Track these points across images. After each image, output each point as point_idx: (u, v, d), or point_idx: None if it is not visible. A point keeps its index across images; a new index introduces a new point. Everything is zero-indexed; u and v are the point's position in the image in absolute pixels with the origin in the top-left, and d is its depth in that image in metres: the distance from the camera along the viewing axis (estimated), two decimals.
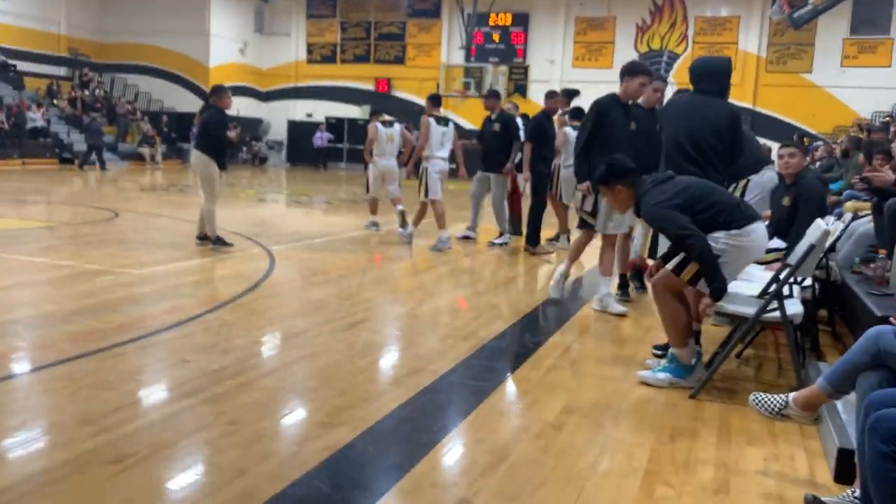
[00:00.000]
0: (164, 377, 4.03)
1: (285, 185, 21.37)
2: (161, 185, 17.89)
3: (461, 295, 6.63)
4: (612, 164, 4.26)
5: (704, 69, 4.87)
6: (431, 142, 9.13)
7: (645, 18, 27.06)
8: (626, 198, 4.22)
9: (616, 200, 4.30)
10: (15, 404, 3.54)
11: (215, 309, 5.51)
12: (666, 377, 4.15)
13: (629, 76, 5.91)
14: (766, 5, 24.78)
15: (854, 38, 24.69)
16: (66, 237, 8.86)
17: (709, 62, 5.08)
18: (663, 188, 4.05)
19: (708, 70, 4.85)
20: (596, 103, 5.99)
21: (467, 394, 3.98)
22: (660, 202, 3.98)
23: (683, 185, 4.07)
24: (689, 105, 4.82)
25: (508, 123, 9.41)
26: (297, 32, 31.13)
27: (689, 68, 4.94)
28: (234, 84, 29.69)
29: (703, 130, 4.62)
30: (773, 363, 4.87)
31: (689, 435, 3.50)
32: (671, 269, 4.05)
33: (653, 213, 4.04)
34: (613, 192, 4.25)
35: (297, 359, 4.44)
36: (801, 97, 25.11)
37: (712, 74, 4.82)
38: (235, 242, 8.41)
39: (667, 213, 3.96)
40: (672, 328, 4.14)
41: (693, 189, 4.05)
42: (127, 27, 29.25)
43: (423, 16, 29.53)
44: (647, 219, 4.20)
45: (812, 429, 3.56)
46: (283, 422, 3.53)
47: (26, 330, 4.74)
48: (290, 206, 14.83)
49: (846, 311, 5.42)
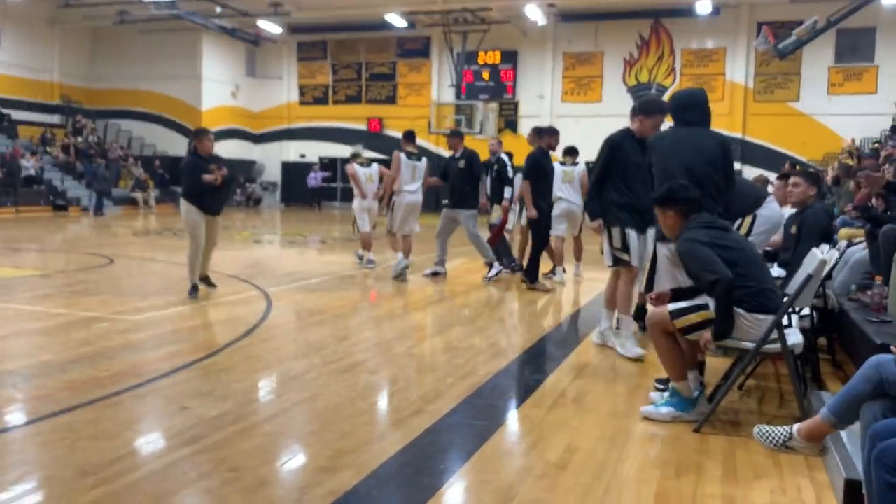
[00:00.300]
0: (163, 425, 3.99)
1: (280, 225, 21.40)
2: (155, 230, 17.89)
3: (459, 332, 6.61)
4: (674, 189, 4.20)
5: (689, 100, 4.88)
6: (402, 176, 9.42)
7: (632, 52, 27.42)
8: (674, 224, 4.18)
9: (664, 223, 4.28)
10: (13, 457, 3.50)
11: (213, 354, 5.48)
12: (669, 411, 4.13)
13: (645, 115, 5.62)
14: (751, 37, 25.15)
15: (839, 66, 25.05)
16: (61, 285, 8.84)
17: (691, 93, 5.08)
18: (711, 232, 4.00)
19: (693, 101, 4.87)
20: (609, 139, 5.79)
21: (469, 434, 3.95)
22: (697, 240, 3.94)
23: (734, 243, 4.01)
24: (680, 137, 4.77)
25: (472, 160, 9.64)
26: (288, 75, 31.45)
27: (673, 102, 4.95)
28: (226, 127, 29.97)
29: (699, 162, 4.57)
30: (774, 394, 4.85)
31: (694, 470, 3.47)
32: (669, 311, 4.04)
33: (686, 247, 3.99)
34: (665, 215, 4.23)
35: (296, 402, 4.41)
36: (789, 126, 25.38)
37: (697, 105, 4.83)
38: (231, 285, 8.39)
39: (700, 251, 3.90)
40: (668, 363, 4.13)
41: (741, 252, 3.98)
42: (119, 73, 29.53)
43: (413, 56, 29.89)
44: (679, 251, 4.12)
45: (817, 460, 3.53)
46: (285, 467, 3.49)
47: (23, 380, 4.70)
48: (286, 247, 14.84)
49: (845, 338, 5.42)
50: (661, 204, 4.24)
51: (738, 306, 3.88)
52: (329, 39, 30.59)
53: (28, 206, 22.16)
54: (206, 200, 7.77)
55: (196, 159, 7.81)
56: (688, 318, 3.98)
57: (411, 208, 9.62)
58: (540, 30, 27.51)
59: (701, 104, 4.84)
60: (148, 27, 28.00)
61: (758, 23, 25.05)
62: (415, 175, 9.56)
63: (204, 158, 7.79)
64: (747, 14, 25.76)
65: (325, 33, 30.20)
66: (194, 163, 7.77)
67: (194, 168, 7.72)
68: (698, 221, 4.10)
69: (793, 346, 3.97)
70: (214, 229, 7.99)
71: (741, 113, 26.28)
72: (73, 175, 25.11)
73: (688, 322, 3.97)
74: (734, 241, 4.06)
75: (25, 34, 27.38)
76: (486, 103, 28.41)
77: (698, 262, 3.93)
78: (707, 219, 4.14)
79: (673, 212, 4.17)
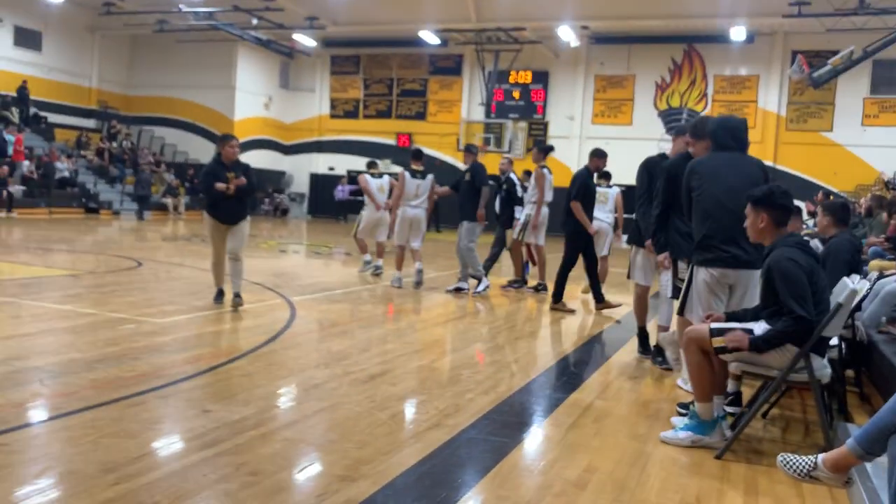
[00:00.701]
0: (184, 427, 4.02)
1: (306, 236, 21.55)
2: (183, 235, 18.09)
3: (481, 348, 6.60)
4: (774, 192, 4.02)
5: (728, 126, 4.85)
6: (406, 192, 10.00)
7: (664, 76, 27.36)
8: (764, 230, 4.01)
9: (753, 225, 4.07)
10: (38, 450, 3.54)
11: (236, 359, 5.52)
12: (687, 436, 4.09)
13: (696, 138, 5.22)
14: (786, 65, 25.00)
15: (874, 97, 24.78)
16: (90, 285, 8.96)
17: (730, 120, 5.02)
18: (808, 260, 3.87)
19: (732, 126, 4.84)
20: (667, 168, 5.54)
21: (488, 450, 3.93)
22: (798, 262, 3.82)
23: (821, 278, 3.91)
24: (722, 162, 4.68)
25: (475, 173, 10.01)
26: (320, 88, 31.76)
27: (713, 128, 4.88)
28: (257, 137, 30.32)
29: (742, 186, 4.42)
30: (799, 424, 4.78)
31: (715, 497, 3.43)
32: (710, 328, 4.00)
33: (785, 266, 3.82)
34: (757, 216, 4.04)
35: (316, 410, 4.42)
36: (821, 155, 25.13)
37: (737, 130, 4.80)
38: (256, 293, 8.44)
39: (799, 277, 3.79)
40: (696, 381, 4.10)
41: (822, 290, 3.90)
42: (155, 81, 30.04)
43: (445, 73, 30.06)
44: (770, 266, 3.89)
45: (842, 492, 3.47)
46: (303, 474, 3.50)
47: (50, 377, 4.77)
48: (311, 258, 14.92)
49: (874, 371, 5.34)
50: (756, 204, 4.03)
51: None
52: (362, 54, 30.88)
53: (61, 208, 22.52)
54: (220, 209, 7.56)
55: (215, 166, 7.58)
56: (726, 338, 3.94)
57: (410, 221, 10.12)
58: (572, 51, 27.57)
59: (741, 129, 4.80)
60: (185, 37, 28.46)
61: (792, 51, 24.91)
62: (418, 192, 10.10)
63: (225, 165, 7.53)
64: (782, 42, 25.61)
65: (358, 48, 30.51)
66: (210, 169, 7.57)
67: (208, 174, 7.51)
68: (794, 241, 3.94)
69: (820, 376, 3.91)
70: (234, 241, 7.60)
71: (773, 141, 26.07)
72: (105, 179, 25.49)
73: (726, 342, 3.93)
74: (821, 276, 3.95)
75: (66, 40, 27.96)
76: (516, 122, 28.49)
77: (793, 287, 3.79)
78: (801, 240, 4.00)
79: (767, 215, 4.00)
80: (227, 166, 7.50)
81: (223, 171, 7.46)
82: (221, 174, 7.43)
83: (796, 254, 3.86)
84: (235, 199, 7.49)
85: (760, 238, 4.08)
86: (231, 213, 7.56)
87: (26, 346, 5.61)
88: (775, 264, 3.86)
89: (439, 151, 30.11)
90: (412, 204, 10.09)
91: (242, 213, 7.65)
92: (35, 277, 9.27)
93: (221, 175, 7.42)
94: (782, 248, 3.91)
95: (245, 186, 7.54)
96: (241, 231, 7.64)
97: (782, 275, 3.83)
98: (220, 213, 7.56)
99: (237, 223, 7.59)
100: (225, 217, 7.56)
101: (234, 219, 7.58)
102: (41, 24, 27.05)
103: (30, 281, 8.97)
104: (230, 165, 7.54)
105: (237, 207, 7.60)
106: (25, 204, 21.38)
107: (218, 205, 7.53)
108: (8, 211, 20.40)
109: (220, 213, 7.56)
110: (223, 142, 7.64)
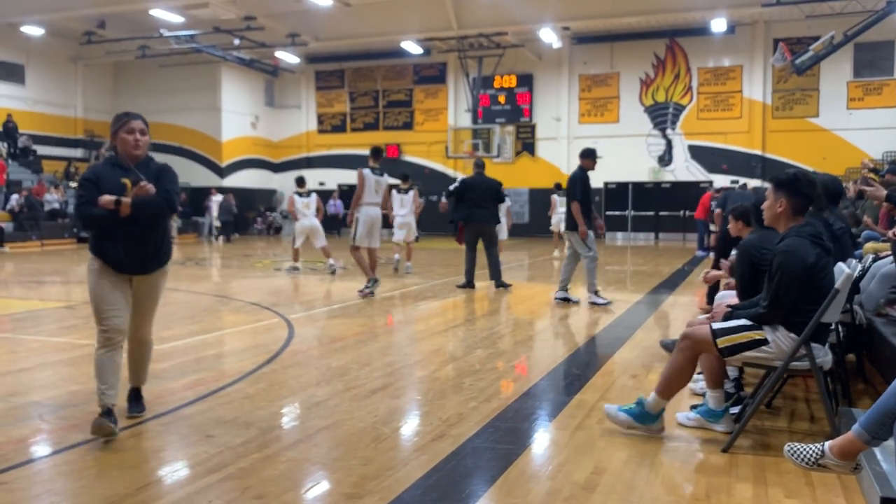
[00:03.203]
0: (187, 453, 3.99)
1: (301, 253, 21.47)
2: (177, 260, 18.04)
3: (482, 355, 6.58)
4: (800, 179, 3.94)
5: None
6: (366, 189, 9.91)
7: (648, 72, 27.47)
8: (781, 215, 3.96)
9: (770, 208, 4.01)
10: (40, 487, 3.51)
11: (236, 381, 5.49)
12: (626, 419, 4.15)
13: None
14: (768, 54, 25.13)
15: (858, 80, 24.93)
16: (86, 316, 8.90)
17: None
18: (818, 252, 3.81)
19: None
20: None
21: (494, 458, 3.91)
22: (801, 258, 3.76)
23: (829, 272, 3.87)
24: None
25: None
26: (306, 104, 31.82)
27: None
28: (247, 157, 30.33)
29: None
30: (804, 412, 4.77)
31: (724, 490, 3.41)
32: (715, 329, 3.97)
33: (786, 259, 3.78)
34: (777, 200, 3.97)
35: (320, 429, 4.40)
36: (809, 141, 25.25)
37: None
38: (253, 313, 8.41)
39: (793, 275, 3.76)
40: (669, 378, 4.08)
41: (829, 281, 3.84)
42: (140, 107, 29.83)
43: (429, 82, 30.15)
44: (778, 251, 3.86)
45: (851, 478, 3.46)
46: (310, 494, 3.47)
47: (49, 411, 4.73)
48: (306, 274, 14.89)
49: (874, 354, 5.33)
50: (778, 187, 3.95)
51: (791, 330, 3.85)
52: (346, 68, 30.96)
53: (52, 240, 22.48)
54: (115, 245, 4.21)
55: (101, 169, 4.30)
56: (732, 337, 3.93)
57: (373, 221, 10.00)
58: (555, 52, 27.67)
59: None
60: (168, 61, 28.50)
61: (774, 39, 25.05)
62: (378, 189, 9.98)
63: (121, 166, 4.28)
64: (763, 31, 25.75)
65: (342, 62, 30.58)
66: (91, 175, 4.24)
67: (87, 184, 4.19)
68: (808, 231, 3.86)
69: (822, 363, 3.91)
70: (143, 308, 4.46)
71: (760, 130, 26.19)
72: None
73: (734, 341, 3.92)
74: (831, 269, 3.91)
75: (49, 71, 27.98)
76: (503, 127, 28.54)
77: (781, 281, 3.79)
78: (815, 231, 3.89)
79: (786, 200, 3.94)
80: (123, 167, 4.27)
81: (115, 175, 4.24)
82: (111, 181, 4.21)
83: (806, 247, 3.80)
84: (142, 224, 4.20)
85: (775, 223, 4.02)
86: (137, 251, 4.24)
87: (24, 382, 5.57)
88: (781, 254, 3.83)
89: (428, 160, 30.19)
90: (370, 201, 9.95)
91: (158, 255, 4.36)
92: (30, 311, 9.22)
93: (111, 181, 4.20)
94: (794, 237, 3.86)
95: (154, 200, 4.19)
96: (153, 289, 4.44)
97: (781, 265, 3.82)
98: (118, 251, 4.21)
99: (149, 271, 4.35)
100: (127, 259, 4.23)
101: (144, 264, 4.30)
102: (23, 57, 27.08)
103: (25, 315, 8.93)
104: (130, 166, 4.27)
105: (148, 242, 4.27)
106: (16, 238, 21.34)
107: (111, 235, 4.19)
108: (0, 246, 20.34)
109: (118, 251, 4.21)
110: (118, 124, 4.29)
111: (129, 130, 4.29)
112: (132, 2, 23.65)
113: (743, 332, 3.92)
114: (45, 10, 24.07)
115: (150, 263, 4.36)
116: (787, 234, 3.92)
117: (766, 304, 3.88)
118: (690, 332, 4.09)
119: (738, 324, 3.97)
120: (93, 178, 4.23)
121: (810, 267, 3.79)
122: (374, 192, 9.91)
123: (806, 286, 3.80)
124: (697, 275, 12.78)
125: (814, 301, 3.81)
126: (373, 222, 9.97)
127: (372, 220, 9.97)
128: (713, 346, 3.96)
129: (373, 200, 9.90)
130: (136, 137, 4.30)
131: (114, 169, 4.30)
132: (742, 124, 26.35)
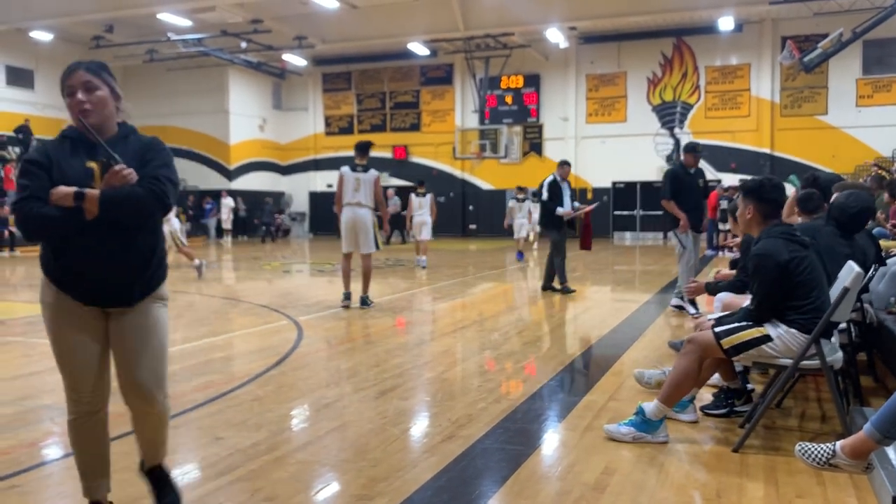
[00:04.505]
0: (197, 456, 4.00)
1: (309, 255, 21.55)
2: (185, 263, 18.08)
3: (490, 356, 6.58)
4: (765, 185, 4.05)
5: None
6: (345, 189, 8.97)
7: (656, 71, 27.42)
8: (751, 220, 4.07)
9: (742, 216, 4.14)
10: (51, 490, 3.53)
11: (246, 383, 5.50)
12: (629, 431, 4.07)
13: None
14: (776, 51, 25.03)
15: (867, 77, 24.80)
16: None
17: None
18: (792, 247, 3.86)
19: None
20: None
21: (504, 459, 3.90)
22: (774, 258, 3.81)
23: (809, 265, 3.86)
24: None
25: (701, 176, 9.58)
26: (314, 106, 31.90)
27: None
28: (255, 160, 30.40)
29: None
30: (815, 411, 4.75)
31: (735, 490, 3.40)
32: (717, 332, 3.97)
33: (759, 262, 3.87)
34: (745, 207, 4.10)
35: (329, 430, 4.40)
36: (818, 139, 25.14)
37: None
38: (263, 315, 8.42)
39: (769, 274, 3.83)
40: (674, 385, 4.04)
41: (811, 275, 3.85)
42: (149, 110, 30.15)
43: (436, 83, 30.17)
44: (754, 254, 3.95)
45: (863, 478, 3.44)
46: (319, 496, 3.48)
47: (60, 415, 4.73)
48: (315, 276, 14.92)
49: (885, 352, 5.30)
50: (746, 195, 4.10)
51: (791, 326, 3.85)
52: (353, 70, 31.02)
53: None
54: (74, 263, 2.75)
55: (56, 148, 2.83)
56: (735, 337, 3.92)
57: (352, 223, 8.99)
58: (562, 52, 27.64)
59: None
60: (176, 65, 28.61)
61: (782, 37, 24.96)
62: (358, 186, 8.93)
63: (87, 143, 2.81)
64: (771, 29, 25.66)
65: (349, 64, 30.64)
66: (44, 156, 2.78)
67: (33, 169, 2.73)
68: (779, 230, 3.95)
69: (832, 362, 3.89)
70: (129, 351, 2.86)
71: (768, 128, 26.09)
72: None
73: (738, 340, 3.91)
74: (810, 262, 3.91)
75: (58, 76, 27.87)
76: (510, 127, 28.53)
77: (760, 283, 3.89)
78: (787, 229, 3.98)
79: (753, 207, 4.06)
80: (90, 143, 2.80)
81: (77, 156, 2.80)
82: (71, 165, 2.78)
83: (778, 245, 3.87)
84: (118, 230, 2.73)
85: (748, 229, 4.13)
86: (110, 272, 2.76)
87: (36, 385, 5.60)
88: (755, 257, 3.94)
89: (436, 161, 30.19)
90: (349, 201, 8.95)
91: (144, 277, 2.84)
92: (36, 315, 9.24)
93: (70, 166, 2.77)
94: (766, 239, 3.94)
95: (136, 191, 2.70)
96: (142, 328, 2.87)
97: (757, 268, 3.92)
98: (82, 273, 2.77)
99: (132, 302, 2.84)
100: (95, 286, 2.79)
101: (122, 291, 2.82)
102: (32, 62, 27.24)
103: (36, 319, 8.95)
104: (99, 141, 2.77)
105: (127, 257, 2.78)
106: (27, 242, 21.47)
107: (71, 248, 2.74)
108: (10, 250, 20.46)
109: (82, 273, 2.77)
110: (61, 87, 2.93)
111: (70, 91, 2.85)
112: (140, 6, 23.76)
113: (744, 331, 3.93)
114: (53, 16, 24.21)
115: (132, 290, 2.81)
116: (760, 237, 4.00)
117: (752, 306, 3.95)
118: (695, 337, 4.09)
119: (738, 324, 3.98)
120: (42, 161, 2.74)
121: (785, 263, 3.83)
122: (354, 191, 8.91)
123: (785, 282, 3.84)
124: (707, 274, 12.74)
125: (801, 296, 3.84)
126: (352, 224, 8.97)
127: (351, 222, 8.97)
128: (718, 349, 3.95)
129: (352, 200, 8.94)
130: (79, 99, 2.81)
131: (75, 147, 2.81)
132: (750, 123, 26.27)
